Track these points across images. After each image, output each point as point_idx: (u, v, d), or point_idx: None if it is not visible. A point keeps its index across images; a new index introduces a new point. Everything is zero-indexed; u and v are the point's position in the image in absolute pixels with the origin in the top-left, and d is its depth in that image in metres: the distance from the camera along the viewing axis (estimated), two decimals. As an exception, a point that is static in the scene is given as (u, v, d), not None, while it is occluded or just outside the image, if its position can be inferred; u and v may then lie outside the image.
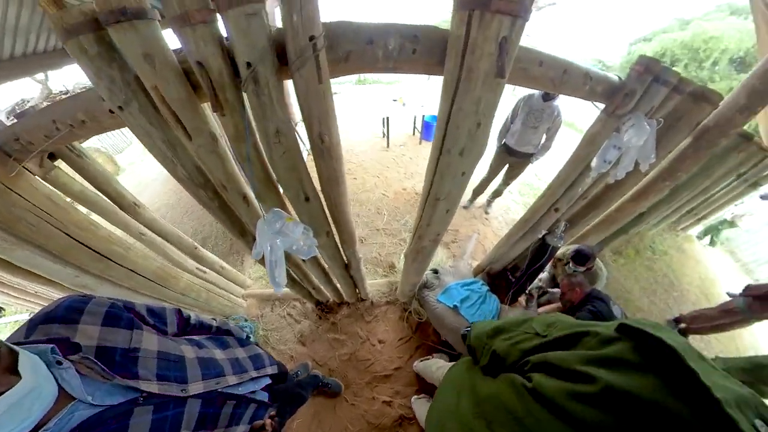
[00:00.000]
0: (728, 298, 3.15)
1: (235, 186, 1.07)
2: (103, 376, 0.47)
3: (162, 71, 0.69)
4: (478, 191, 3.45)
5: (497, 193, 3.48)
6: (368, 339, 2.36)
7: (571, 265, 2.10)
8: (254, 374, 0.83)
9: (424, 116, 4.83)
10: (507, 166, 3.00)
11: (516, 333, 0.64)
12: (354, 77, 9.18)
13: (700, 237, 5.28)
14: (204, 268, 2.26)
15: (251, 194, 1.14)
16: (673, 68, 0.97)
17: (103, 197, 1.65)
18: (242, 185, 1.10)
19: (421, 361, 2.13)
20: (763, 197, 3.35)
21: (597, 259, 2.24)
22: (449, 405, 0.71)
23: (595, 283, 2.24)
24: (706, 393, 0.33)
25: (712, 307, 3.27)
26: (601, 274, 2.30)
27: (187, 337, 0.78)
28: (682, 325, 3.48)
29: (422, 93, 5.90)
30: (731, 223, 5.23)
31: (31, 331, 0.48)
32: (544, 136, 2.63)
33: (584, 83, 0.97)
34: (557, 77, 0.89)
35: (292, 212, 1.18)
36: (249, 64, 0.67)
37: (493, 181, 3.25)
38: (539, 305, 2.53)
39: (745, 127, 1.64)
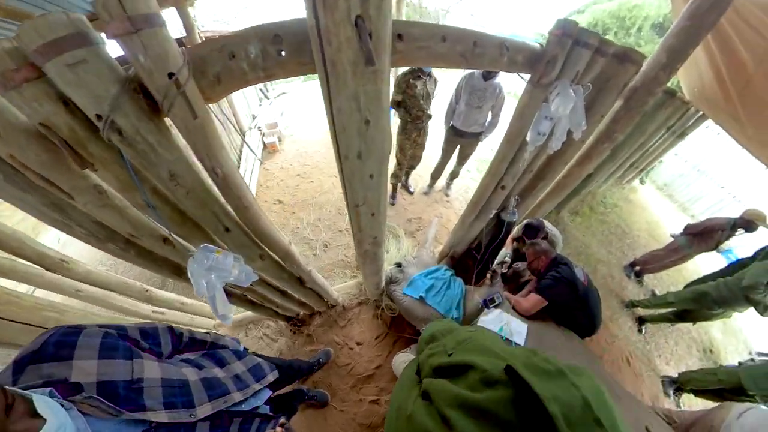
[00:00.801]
0: (672, 239, 3.48)
1: (148, 232, 0.94)
2: (110, 413, 0.47)
3: (10, 137, 0.57)
4: (435, 176, 3.42)
5: (454, 175, 3.47)
6: (345, 344, 2.33)
7: (527, 240, 2.15)
8: (257, 387, 0.86)
9: None
10: (458, 147, 2.97)
11: (438, 345, 0.60)
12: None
13: (642, 181, 5.89)
14: (161, 309, 2.10)
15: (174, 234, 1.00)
16: (605, 36, 0.96)
17: (23, 261, 1.46)
18: (157, 229, 0.97)
19: (398, 354, 2.12)
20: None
21: (549, 225, 2.30)
22: (390, 418, 0.68)
23: (554, 248, 2.31)
24: None
25: (660, 249, 3.61)
26: (556, 240, 2.38)
27: (183, 357, 0.77)
28: (637, 268, 3.83)
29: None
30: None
31: (19, 374, 0.45)
32: (490, 114, 2.61)
33: (501, 54, 0.88)
34: (468, 51, 0.79)
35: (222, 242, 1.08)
36: (99, 117, 0.57)
37: (449, 163, 3.22)
38: (509, 282, 2.57)
39: (669, 84, 1.69)
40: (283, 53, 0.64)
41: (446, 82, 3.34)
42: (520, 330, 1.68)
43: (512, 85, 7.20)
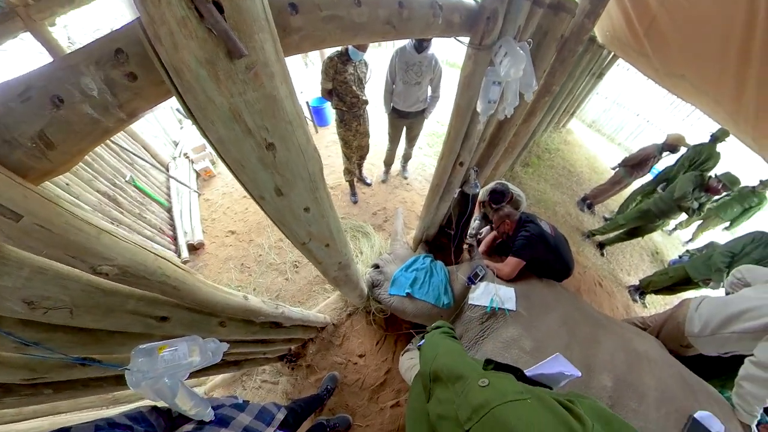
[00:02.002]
0: (613, 172, 3.90)
1: (51, 366, 0.73)
2: None
3: None
4: (388, 162, 3.29)
5: (407, 157, 3.37)
6: (348, 360, 2.22)
7: (493, 206, 2.15)
8: (270, 431, 0.86)
9: (308, 102, 4.28)
10: (405, 128, 2.84)
11: (447, 400, 0.49)
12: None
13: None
14: (134, 405, 1.74)
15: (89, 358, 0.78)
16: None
17: None
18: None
19: (402, 354, 2.04)
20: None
21: (512, 186, 2.33)
22: None
23: (519, 208, 2.36)
24: None
25: (604, 183, 4.02)
26: (521, 199, 2.43)
27: (182, 431, 0.74)
28: (588, 201, 4.24)
29: (299, 78, 5.25)
30: None
31: None
32: (430, 89, 2.49)
33: (434, 15, 0.73)
34: (393, 16, 0.63)
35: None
36: None
37: (399, 146, 3.09)
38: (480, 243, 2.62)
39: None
40: (137, 75, 0.43)
41: (378, 62, 3.10)
42: (509, 296, 1.70)
43: (446, 53, 7.23)
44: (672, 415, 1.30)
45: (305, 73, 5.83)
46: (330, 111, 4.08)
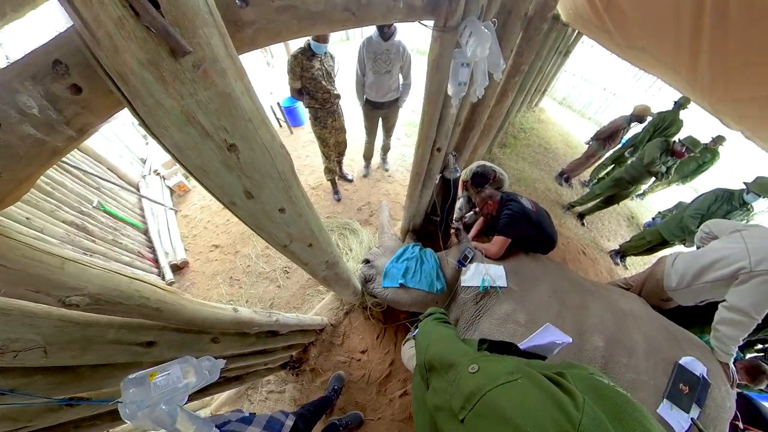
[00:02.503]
0: (586, 146, 4.05)
1: (36, 412, 0.68)
2: None
3: None
4: (367, 156, 3.26)
5: (386, 148, 3.35)
6: (351, 358, 2.23)
7: (476, 189, 2.19)
8: None
9: (279, 103, 4.15)
10: (380, 120, 2.81)
11: (442, 386, 0.49)
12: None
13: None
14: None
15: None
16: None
17: None
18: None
19: (403, 344, 2.06)
20: None
21: (494, 166, 2.37)
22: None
23: (503, 187, 2.41)
24: None
25: (579, 157, 4.16)
26: (504, 178, 2.49)
27: None
28: (565, 176, 4.39)
29: (265, 78, 5.05)
30: None
31: None
32: (401, 77, 2.47)
33: (395, 0, 0.70)
34: (352, 3, 0.62)
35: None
36: None
37: (376, 139, 3.06)
38: (469, 230, 2.66)
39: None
40: (81, 87, 0.39)
41: (347, 55, 3.01)
42: (499, 274, 1.75)
43: (416, 42, 7.18)
44: (660, 364, 1.39)
45: (270, 73, 5.62)
46: (303, 110, 3.98)
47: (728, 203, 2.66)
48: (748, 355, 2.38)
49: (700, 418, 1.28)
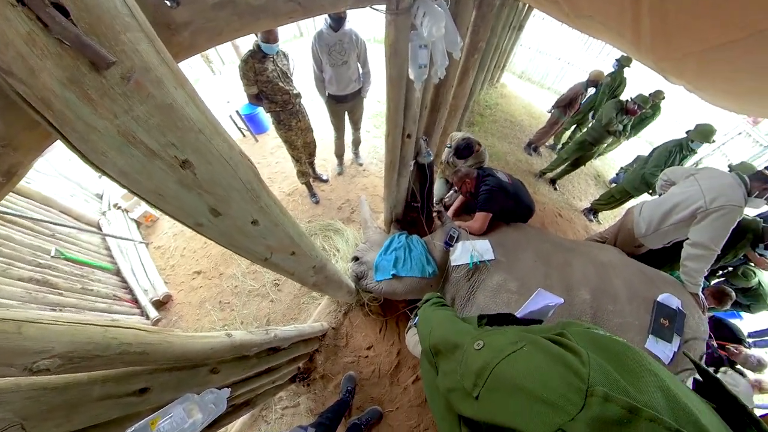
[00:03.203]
0: (549, 115, 4.20)
1: None
2: None
3: None
4: (339, 153, 3.19)
5: (356, 142, 3.30)
6: (358, 356, 2.23)
7: (455, 160, 2.21)
8: None
9: (239, 111, 3.93)
10: (346, 114, 2.75)
11: (451, 368, 0.49)
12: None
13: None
14: None
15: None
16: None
17: None
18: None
19: (406, 332, 2.10)
20: None
21: (462, 135, 2.41)
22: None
23: (484, 161, 2.46)
24: None
25: (543, 126, 4.31)
26: (483, 151, 2.54)
27: None
28: (533, 145, 4.55)
29: (218, 87, 4.79)
30: None
31: None
32: (359, 66, 2.41)
33: None
34: None
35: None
36: None
37: (345, 134, 3.00)
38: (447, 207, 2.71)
39: None
40: None
41: (302, 52, 2.87)
42: (485, 248, 1.80)
43: (372, 31, 7.05)
44: (641, 304, 1.51)
45: (220, 81, 5.32)
46: (264, 115, 3.82)
47: (680, 152, 2.94)
48: (713, 282, 2.63)
49: (681, 344, 1.40)
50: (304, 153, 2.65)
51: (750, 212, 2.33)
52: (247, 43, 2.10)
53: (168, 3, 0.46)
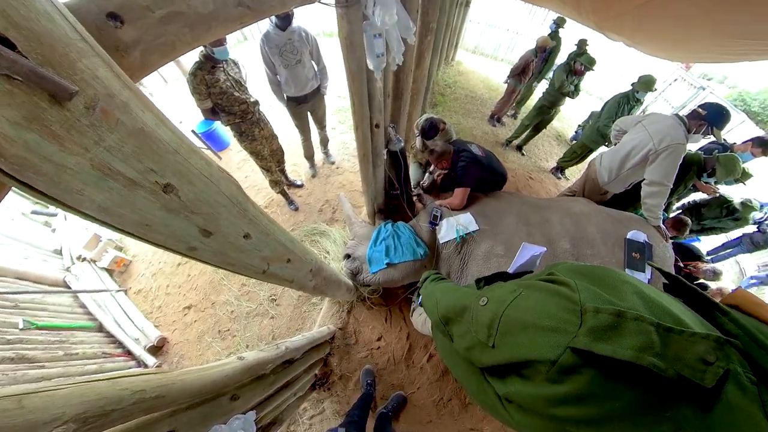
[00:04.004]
0: (505, 85, 4.34)
1: None
2: None
3: None
4: (309, 155, 3.12)
5: (324, 141, 3.24)
6: (370, 350, 2.28)
7: (422, 140, 2.24)
8: None
9: (194, 130, 3.61)
10: (309, 114, 2.68)
11: (465, 330, 0.53)
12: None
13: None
14: None
15: None
16: None
17: None
18: None
19: (411, 315, 2.16)
20: None
21: (438, 116, 2.45)
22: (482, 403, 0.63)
23: (452, 137, 2.52)
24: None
25: (502, 96, 4.46)
26: (449, 128, 2.59)
27: None
28: (496, 116, 4.70)
29: (169, 107, 4.46)
30: None
31: None
32: (314, 64, 2.35)
33: None
34: None
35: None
36: None
37: (312, 134, 2.94)
38: (431, 191, 2.77)
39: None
40: None
41: (246, 57, 2.70)
42: (469, 220, 1.89)
43: (321, 24, 6.83)
44: (614, 244, 1.68)
45: (169, 100, 4.96)
46: (223, 130, 3.64)
47: (627, 104, 3.19)
48: (671, 214, 2.91)
49: (653, 271, 1.57)
50: (273, 161, 2.57)
51: (692, 147, 2.58)
52: (190, 56, 1.98)
53: (111, 23, 0.43)
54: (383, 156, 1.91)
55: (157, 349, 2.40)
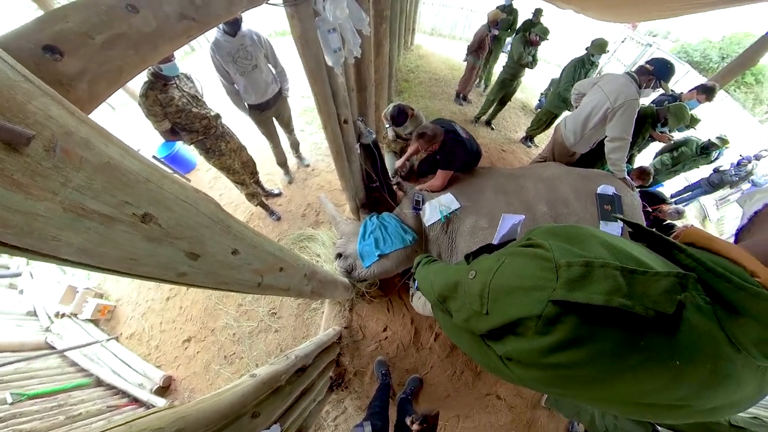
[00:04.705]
0: (465, 62, 4.39)
1: None
2: None
3: None
4: (281, 161, 3.05)
5: (295, 145, 3.17)
6: (379, 342, 2.34)
7: (394, 128, 2.24)
8: None
9: (156, 156, 3.29)
10: (274, 120, 2.61)
11: (460, 305, 0.57)
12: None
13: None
14: None
15: None
16: None
17: None
18: None
19: (411, 300, 2.24)
20: None
21: (400, 102, 2.46)
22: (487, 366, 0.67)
23: (422, 121, 2.54)
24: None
25: (464, 74, 4.51)
26: (418, 113, 2.60)
27: None
28: (461, 95, 4.77)
29: (122, 130, 4.14)
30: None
31: None
32: (271, 67, 2.28)
33: None
34: (187, 7, 0.54)
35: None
36: None
37: (281, 140, 2.87)
38: (410, 178, 2.81)
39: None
40: None
41: (195, 70, 2.55)
42: (450, 200, 1.96)
43: (272, 25, 6.57)
44: (587, 200, 1.78)
45: (120, 127, 4.63)
46: (187, 150, 3.47)
47: (583, 67, 3.35)
48: (635, 165, 3.12)
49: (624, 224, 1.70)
50: (246, 174, 2.50)
51: (644, 101, 2.75)
52: (137, 79, 1.86)
53: (48, 56, 0.41)
54: (357, 151, 1.91)
55: (164, 390, 2.32)
